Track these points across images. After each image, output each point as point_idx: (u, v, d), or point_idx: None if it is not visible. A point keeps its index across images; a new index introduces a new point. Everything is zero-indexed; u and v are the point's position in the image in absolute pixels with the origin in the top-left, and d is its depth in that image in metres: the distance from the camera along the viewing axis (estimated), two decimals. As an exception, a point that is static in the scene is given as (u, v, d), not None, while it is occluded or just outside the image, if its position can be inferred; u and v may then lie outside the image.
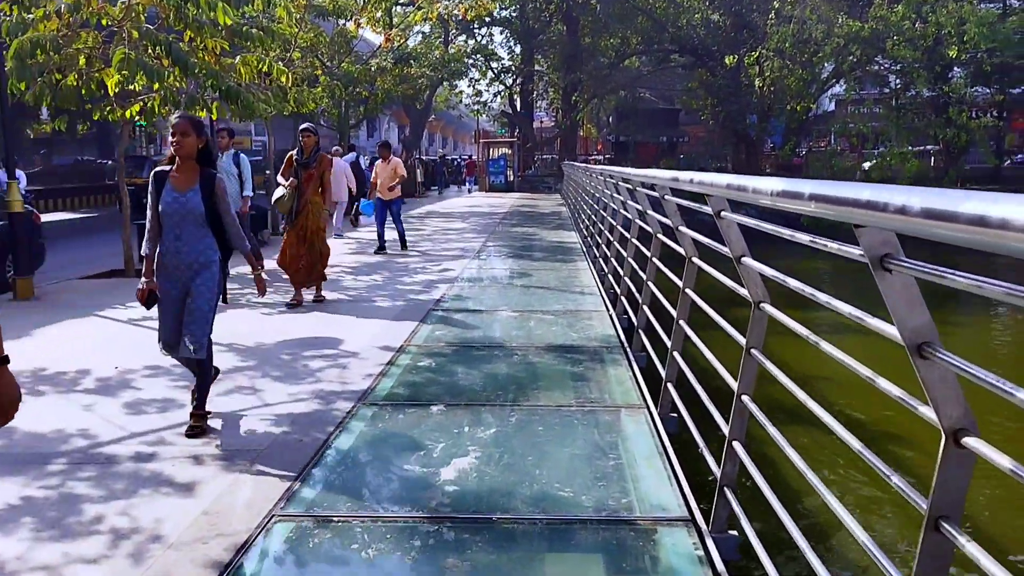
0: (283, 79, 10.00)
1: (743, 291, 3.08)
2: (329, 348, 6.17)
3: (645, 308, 5.89)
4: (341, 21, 17.51)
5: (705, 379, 3.97)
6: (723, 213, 3.22)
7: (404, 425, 4.44)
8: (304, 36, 16.19)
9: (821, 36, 31.20)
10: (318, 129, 8.53)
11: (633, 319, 6.39)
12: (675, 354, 4.55)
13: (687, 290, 4.43)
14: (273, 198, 8.31)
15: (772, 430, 2.72)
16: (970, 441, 1.55)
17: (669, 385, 4.51)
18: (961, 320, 12.83)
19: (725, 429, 3.12)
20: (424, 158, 42.32)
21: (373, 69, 19.63)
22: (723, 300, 3.92)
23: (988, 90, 38.08)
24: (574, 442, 4.14)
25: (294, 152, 8.18)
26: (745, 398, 3.05)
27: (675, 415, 4.43)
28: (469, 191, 38.86)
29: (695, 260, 4.37)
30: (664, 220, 5.04)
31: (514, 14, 38.04)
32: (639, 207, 6.50)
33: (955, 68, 35.56)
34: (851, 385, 7.66)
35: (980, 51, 32.57)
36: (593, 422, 4.49)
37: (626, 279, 7.16)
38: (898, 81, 37.61)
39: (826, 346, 2.28)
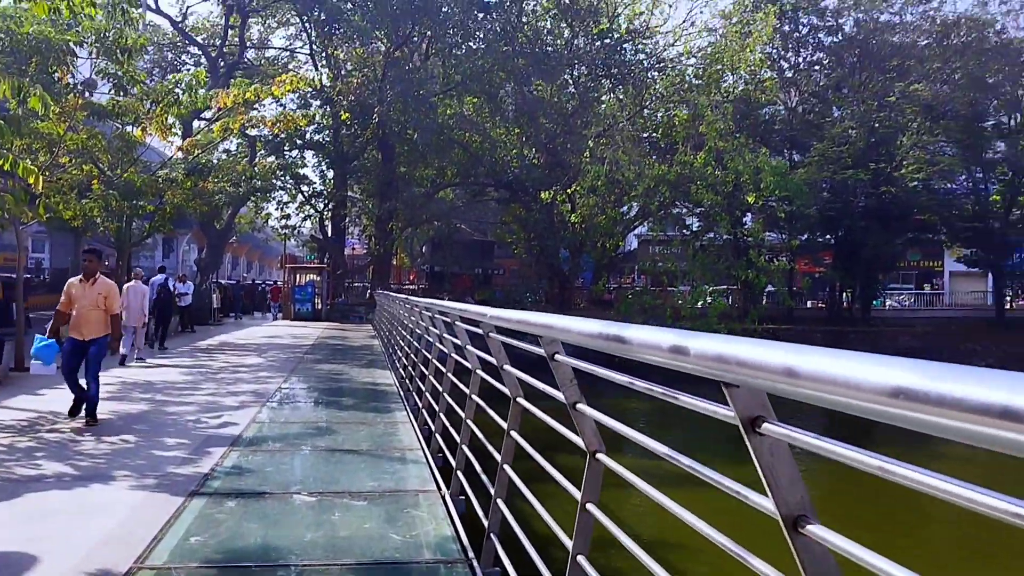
0: (31, 179, 7.90)
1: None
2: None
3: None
4: (124, 126, 15.17)
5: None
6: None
7: None
8: (74, 138, 13.77)
9: (632, 177, 32.11)
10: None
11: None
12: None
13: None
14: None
15: None
16: None
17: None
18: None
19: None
20: (222, 282, 39.15)
21: (161, 181, 17.23)
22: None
23: (779, 236, 40.95)
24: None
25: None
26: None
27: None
28: (274, 318, 36.12)
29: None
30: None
31: (327, 139, 36.82)
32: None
33: (748, 214, 37.91)
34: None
35: (774, 199, 34.85)
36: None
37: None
38: (699, 223, 39.61)
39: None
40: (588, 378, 2.74)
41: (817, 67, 43.29)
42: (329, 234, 38.89)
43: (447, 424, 6.34)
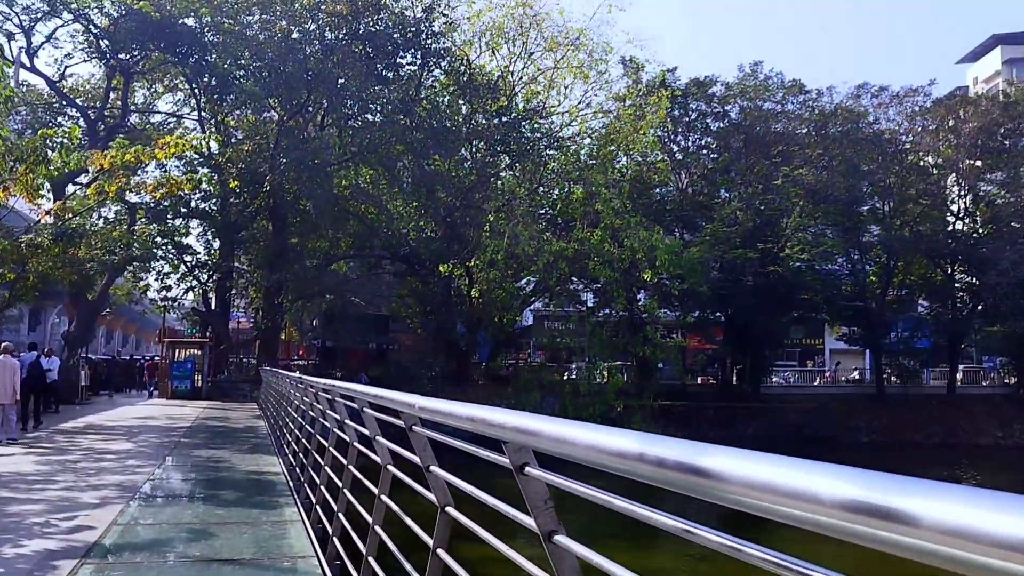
0: None
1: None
2: None
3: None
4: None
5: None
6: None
7: None
8: (-81, 194, 12.24)
9: (532, 252, 31.94)
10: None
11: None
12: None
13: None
14: None
15: None
16: None
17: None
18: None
19: None
20: (92, 358, 36.42)
21: (24, 246, 15.62)
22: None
23: (672, 313, 41.57)
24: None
25: None
26: None
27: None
28: (150, 396, 33.68)
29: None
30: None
31: (214, 207, 35.23)
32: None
33: (642, 291, 38.32)
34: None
35: (668, 276, 35.34)
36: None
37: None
38: (595, 299, 39.81)
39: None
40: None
41: (705, 150, 44.95)
42: (213, 306, 36.89)
43: (347, 525, 5.58)
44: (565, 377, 37.36)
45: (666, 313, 40.20)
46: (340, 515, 5.86)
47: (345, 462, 5.92)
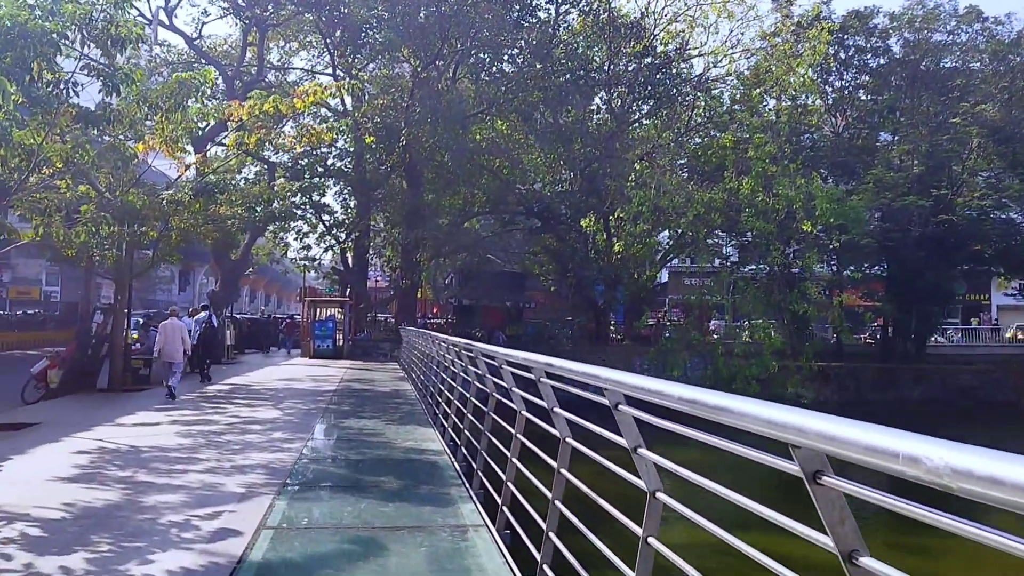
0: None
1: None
2: None
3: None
4: (117, 136, 12.85)
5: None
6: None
7: None
8: (54, 147, 11.49)
9: (681, 203, 29.69)
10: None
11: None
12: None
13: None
14: None
15: None
16: None
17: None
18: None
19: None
20: (237, 317, 36.91)
21: (165, 203, 14.92)
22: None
23: (826, 267, 38.38)
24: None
25: None
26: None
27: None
28: (288, 353, 33.89)
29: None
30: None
31: (350, 166, 34.72)
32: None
33: (792, 244, 35.31)
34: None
35: (826, 227, 32.32)
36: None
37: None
38: (740, 253, 37.19)
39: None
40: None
41: (862, 90, 40.97)
42: (351, 265, 36.64)
43: (558, 545, 4.29)
44: (708, 337, 35.08)
45: (819, 267, 37.03)
46: (551, 536, 4.35)
47: (555, 465, 4.38)
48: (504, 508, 5.76)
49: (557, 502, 4.34)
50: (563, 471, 4.30)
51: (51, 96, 10.88)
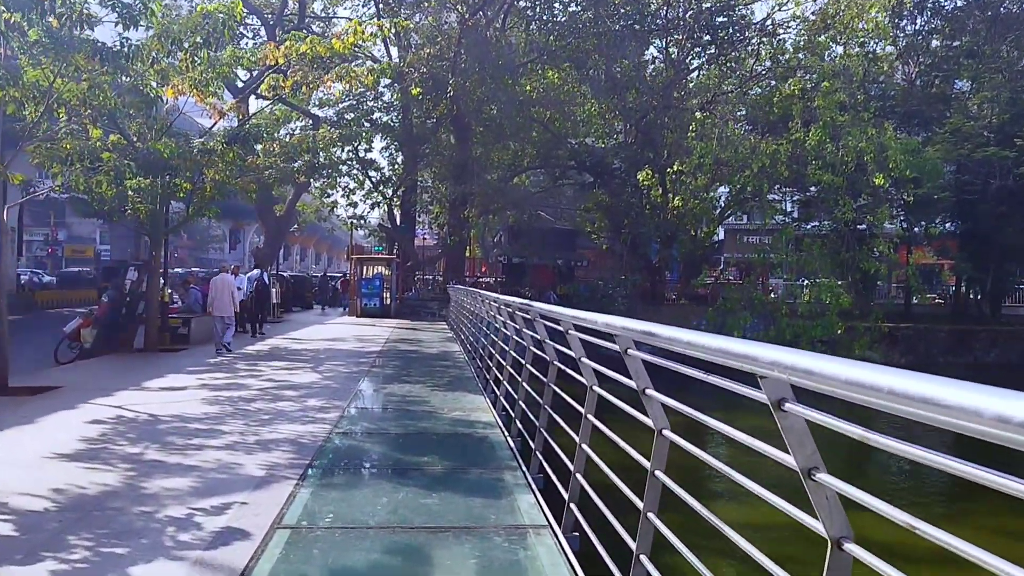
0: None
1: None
2: None
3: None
4: (137, 76, 11.80)
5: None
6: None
7: None
8: (68, 87, 10.52)
9: (746, 154, 27.94)
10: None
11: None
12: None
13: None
14: None
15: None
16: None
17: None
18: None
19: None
20: (285, 275, 36.34)
21: (197, 152, 13.94)
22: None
23: (897, 224, 36.28)
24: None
25: None
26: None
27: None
28: (322, 310, 33.32)
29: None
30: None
31: (396, 120, 33.56)
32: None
33: (861, 199, 33.28)
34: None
35: (902, 180, 30.30)
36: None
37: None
38: (801, 209, 35.37)
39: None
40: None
41: (936, 35, 38.27)
42: (398, 223, 35.68)
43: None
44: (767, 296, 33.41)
45: (888, 224, 34.95)
46: (644, 560, 3.25)
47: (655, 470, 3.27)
48: (572, 505, 4.73)
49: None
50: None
51: (65, 30, 9.88)
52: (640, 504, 3.34)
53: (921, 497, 12.29)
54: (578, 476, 4.63)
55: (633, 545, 3.34)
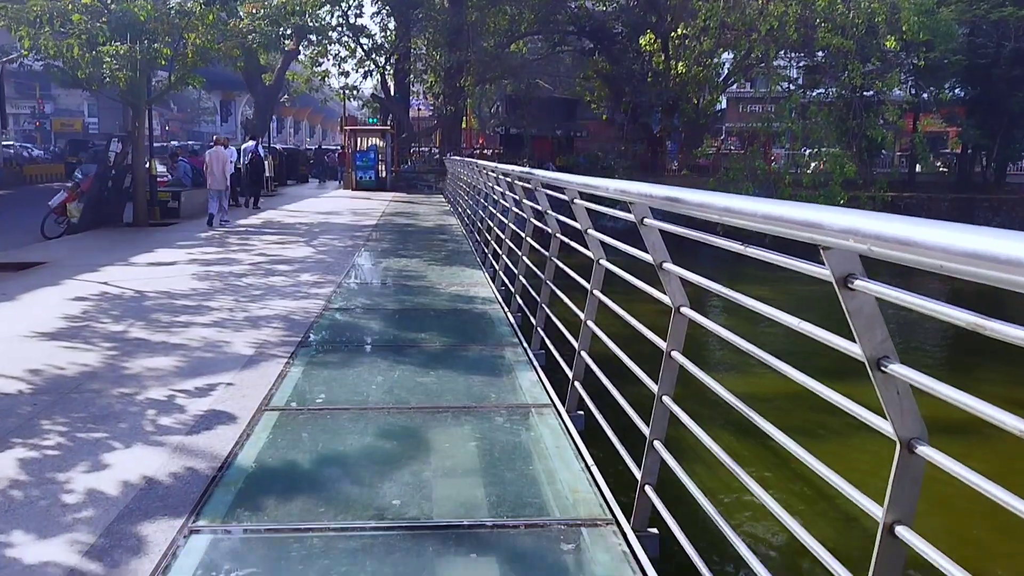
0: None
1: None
2: None
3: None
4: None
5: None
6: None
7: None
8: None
9: (754, 15, 26.66)
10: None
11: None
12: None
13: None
14: None
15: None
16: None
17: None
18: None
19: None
20: (278, 147, 35.48)
21: (174, 13, 13.06)
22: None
23: (904, 90, 35.20)
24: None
25: None
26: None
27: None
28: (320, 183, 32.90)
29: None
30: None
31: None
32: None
33: (870, 63, 32.09)
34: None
35: (912, 44, 29.08)
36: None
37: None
38: (806, 76, 34.23)
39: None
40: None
41: None
42: (392, 93, 34.48)
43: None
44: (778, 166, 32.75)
45: (895, 91, 33.86)
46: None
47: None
48: (576, 384, 4.44)
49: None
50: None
51: None
52: (654, 387, 3.06)
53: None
54: (583, 354, 4.37)
55: (646, 430, 3.07)
